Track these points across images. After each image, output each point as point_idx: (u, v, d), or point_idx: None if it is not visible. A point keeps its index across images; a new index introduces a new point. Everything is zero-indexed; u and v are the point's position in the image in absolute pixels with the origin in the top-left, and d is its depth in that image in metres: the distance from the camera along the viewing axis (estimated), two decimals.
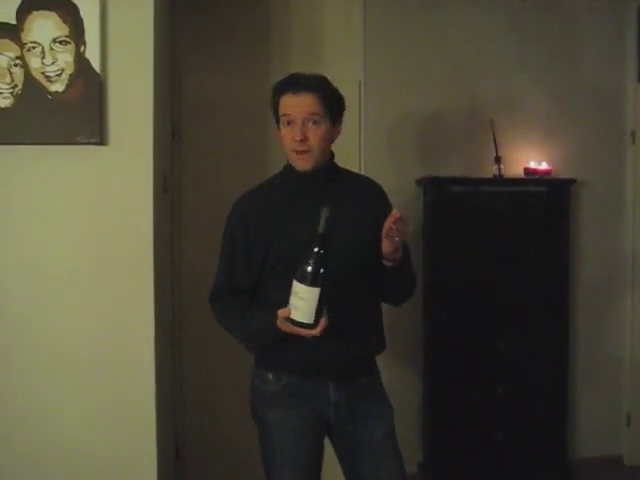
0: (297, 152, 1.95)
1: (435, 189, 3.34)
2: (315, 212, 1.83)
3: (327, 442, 2.07)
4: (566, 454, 3.50)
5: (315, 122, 1.93)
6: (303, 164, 1.96)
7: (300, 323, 1.79)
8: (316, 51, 3.34)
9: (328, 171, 2.02)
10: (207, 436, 3.30)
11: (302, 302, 1.77)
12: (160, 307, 2.43)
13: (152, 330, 2.30)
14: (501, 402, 3.36)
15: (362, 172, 3.16)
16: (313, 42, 3.36)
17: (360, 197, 2.07)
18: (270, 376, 1.99)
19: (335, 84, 2.02)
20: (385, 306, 2.12)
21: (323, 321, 1.79)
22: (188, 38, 3.23)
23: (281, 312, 1.82)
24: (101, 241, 2.28)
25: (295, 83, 1.95)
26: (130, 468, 2.33)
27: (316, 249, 1.76)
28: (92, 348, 2.30)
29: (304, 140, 1.92)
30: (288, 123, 1.94)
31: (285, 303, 1.83)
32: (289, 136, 1.95)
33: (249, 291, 2.01)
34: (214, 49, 3.27)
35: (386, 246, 1.88)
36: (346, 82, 2.02)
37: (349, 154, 3.28)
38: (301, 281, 1.76)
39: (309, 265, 1.76)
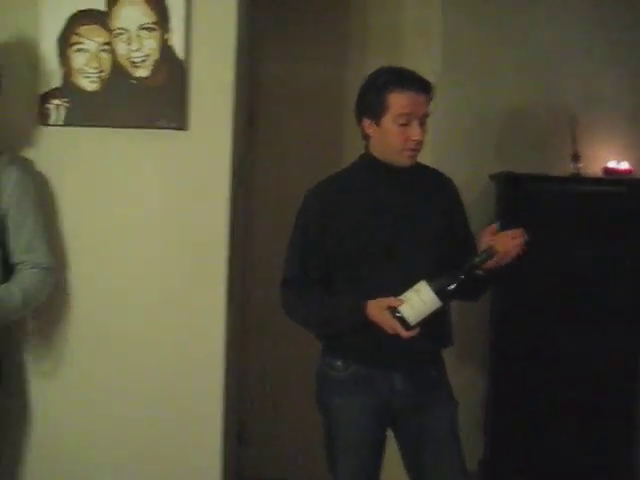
0: (411, 150, 1.95)
1: (509, 186, 3.28)
2: (392, 204, 1.91)
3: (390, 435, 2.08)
4: (633, 462, 3.40)
5: (424, 122, 1.96)
6: (412, 160, 1.98)
7: (402, 319, 1.82)
8: (394, 42, 3.32)
9: None
10: (270, 423, 3.35)
11: (420, 303, 1.82)
12: (231, 291, 2.46)
13: (223, 315, 2.32)
14: (568, 405, 3.28)
15: (432, 165, 3.13)
16: (391, 33, 3.34)
17: (434, 190, 2.07)
18: (339, 363, 2.01)
19: None
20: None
21: (417, 330, 1.83)
22: (267, 26, 3.26)
23: (393, 300, 1.85)
24: (177, 224, 2.31)
25: (415, 81, 1.94)
26: (193, 455, 2.35)
27: (462, 276, 1.84)
28: (164, 330, 2.32)
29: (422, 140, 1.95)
30: (406, 121, 1.92)
31: (355, 294, 1.90)
32: (404, 135, 1.93)
33: (322, 281, 2.02)
34: (292, 37, 3.30)
35: (500, 260, 1.89)
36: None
37: None
38: (433, 288, 1.81)
39: (451, 282, 1.83)
